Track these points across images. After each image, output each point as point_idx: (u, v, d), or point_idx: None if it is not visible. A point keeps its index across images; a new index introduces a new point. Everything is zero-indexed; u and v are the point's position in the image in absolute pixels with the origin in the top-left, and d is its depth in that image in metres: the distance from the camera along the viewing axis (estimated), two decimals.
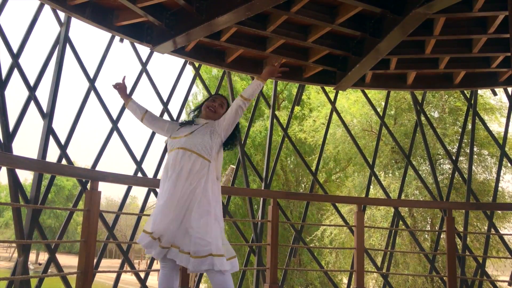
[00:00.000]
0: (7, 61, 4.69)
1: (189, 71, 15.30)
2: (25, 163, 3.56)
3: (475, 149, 12.37)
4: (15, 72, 4.68)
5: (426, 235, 12.67)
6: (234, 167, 8.81)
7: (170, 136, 3.01)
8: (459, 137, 10.01)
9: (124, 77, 3.26)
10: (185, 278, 4.08)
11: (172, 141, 2.94)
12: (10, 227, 42.48)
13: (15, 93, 7.21)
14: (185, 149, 2.81)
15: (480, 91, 12.02)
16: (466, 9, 4.70)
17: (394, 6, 4.65)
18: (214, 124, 2.97)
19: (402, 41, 5.09)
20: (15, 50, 4.71)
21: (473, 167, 11.78)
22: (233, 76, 16.51)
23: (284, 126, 7.11)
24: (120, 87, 3.21)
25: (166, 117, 6.11)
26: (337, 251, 13.51)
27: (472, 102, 7.08)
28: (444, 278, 5.93)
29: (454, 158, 7.45)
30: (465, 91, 7.24)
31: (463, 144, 11.69)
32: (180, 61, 6.13)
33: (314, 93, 15.49)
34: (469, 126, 7.25)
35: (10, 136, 4.44)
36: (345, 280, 13.88)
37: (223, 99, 3.15)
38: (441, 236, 7.29)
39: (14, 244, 37.15)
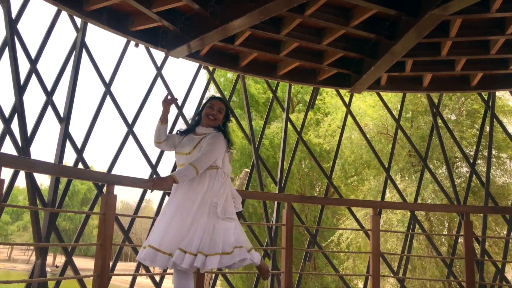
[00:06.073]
0: (25, 66, 4.78)
1: (204, 75, 15.40)
2: (44, 167, 3.62)
3: (493, 152, 12.15)
4: (33, 77, 4.76)
5: (443, 239, 12.48)
6: (248, 170, 8.80)
7: (175, 150, 3.10)
8: (476, 140, 9.85)
9: (176, 99, 3.14)
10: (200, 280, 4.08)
11: (178, 156, 3.07)
12: (28, 230, 43.15)
13: (33, 98, 7.33)
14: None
15: (498, 93, 11.81)
16: (483, 10, 4.63)
17: (409, 8, 4.60)
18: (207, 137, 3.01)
19: (417, 43, 5.03)
20: (33, 56, 4.79)
21: (491, 170, 11.58)
22: (247, 80, 16.51)
23: (299, 130, 7.09)
24: (169, 103, 3.06)
25: (180, 122, 6.14)
26: (353, 256, 13.39)
27: (490, 104, 6.97)
28: (462, 283, 5.83)
29: (471, 161, 7.33)
30: (483, 93, 7.13)
31: (481, 147, 11.49)
32: (194, 65, 6.17)
33: (328, 98, 15.40)
34: (487, 128, 7.11)
35: (28, 141, 4.51)
36: (361, 285, 13.74)
37: (221, 104, 3.13)
38: (459, 241, 7.16)
39: (32, 247, 37.68)
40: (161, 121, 3.05)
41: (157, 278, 5.39)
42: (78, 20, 5.15)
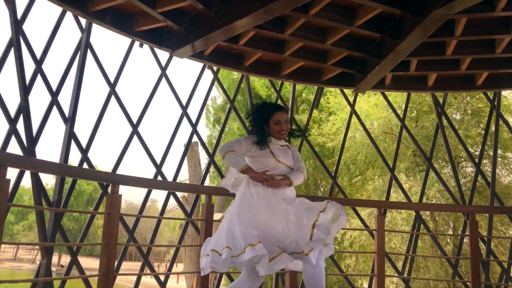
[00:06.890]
0: (30, 67, 4.80)
1: (208, 75, 15.41)
2: (49, 167, 3.62)
3: (499, 151, 12.09)
4: (38, 77, 4.78)
5: (448, 239, 12.43)
6: None
7: (279, 159, 3.21)
8: (481, 139, 9.81)
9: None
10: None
11: (278, 164, 3.20)
12: (33, 229, 43.33)
13: (38, 98, 7.37)
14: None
15: (503, 92, 11.75)
16: (488, 9, 4.60)
17: (414, 7, 4.59)
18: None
19: (422, 43, 5.01)
20: (38, 56, 4.81)
21: (497, 170, 11.54)
22: (251, 77, 16.46)
23: (303, 129, 7.07)
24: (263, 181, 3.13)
25: (185, 121, 6.14)
26: (357, 254, 13.36)
27: (495, 103, 6.93)
28: (468, 283, 5.80)
29: (477, 160, 7.29)
30: (488, 93, 7.09)
31: (486, 147, 11.44)
32: (199, 65, 6.17)
33: (332, 98, 15.36)
34: (492, 128, 7.07)
35: (33, 141, 4.52)
36: (366, 285, 13.71)
37: (286, 115, 3.27)
38: (464, 241, 7.13)
39: (37, 247, 37.84)
40: (243, 171, 3.14)
41: (162, 277, 5.40)
42: (83, 21, 5.16)
